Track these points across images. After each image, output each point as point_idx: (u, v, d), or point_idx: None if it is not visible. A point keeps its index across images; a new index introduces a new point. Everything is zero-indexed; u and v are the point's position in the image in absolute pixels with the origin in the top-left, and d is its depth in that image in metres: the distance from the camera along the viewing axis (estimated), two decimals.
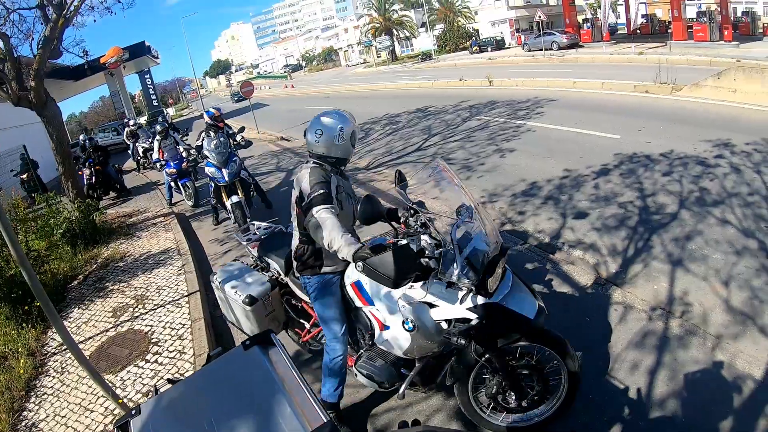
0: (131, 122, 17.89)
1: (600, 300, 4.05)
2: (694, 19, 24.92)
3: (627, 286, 4.24)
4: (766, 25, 25.04)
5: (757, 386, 2.92)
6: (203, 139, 7.46)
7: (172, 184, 10.01)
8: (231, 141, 7.92)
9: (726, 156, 6.89)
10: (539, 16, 29.79)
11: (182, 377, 2.26)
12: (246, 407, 1.64)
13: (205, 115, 7.85)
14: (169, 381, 2.01)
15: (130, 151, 16.96)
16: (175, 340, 4.51)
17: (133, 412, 1.77)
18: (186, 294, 5.45)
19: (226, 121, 8.81)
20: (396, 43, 55.98)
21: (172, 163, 9.55)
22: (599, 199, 6.19)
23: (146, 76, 37.01)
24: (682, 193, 5.89)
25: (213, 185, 7.34)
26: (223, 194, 7.13)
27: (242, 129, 8.65)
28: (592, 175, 7.05)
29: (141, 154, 15.75)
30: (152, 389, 2.09)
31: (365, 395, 3.33)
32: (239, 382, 1.78)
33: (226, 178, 6.99)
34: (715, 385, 2.99)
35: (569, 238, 5.34)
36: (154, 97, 37.93)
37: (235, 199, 6.98)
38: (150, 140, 15.71)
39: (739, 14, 26.39)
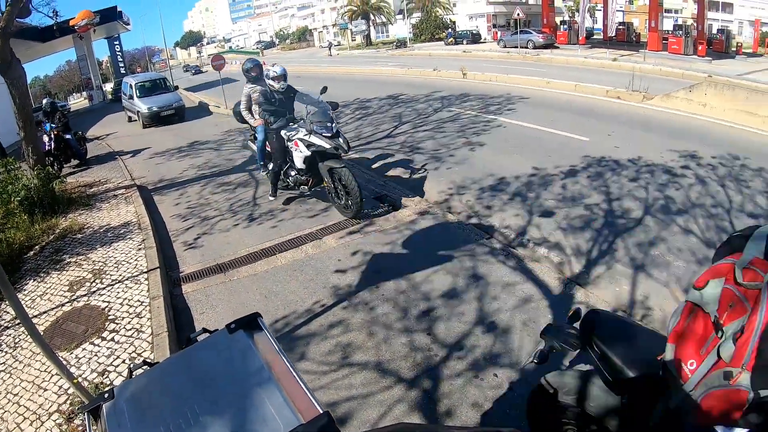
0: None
1: (563, 298, 4.13)
2: (670, 32, 25.57)
3: (590, 286, 4.35)
4: (739, 44, 25.94)
5: None
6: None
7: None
8: None
9: (692, 167, 7.13)
10: (518, 14, 29.99)
11: (157, 361, 2.17)
12: (232, 395, 1.54)
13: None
14: (146, 363, 1.93)
15: None
16: (132, 318, 4.38)
17: (106, 395, 1.67)
18: (145, 270, 5.30)
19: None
20: (372, 28, 55.54)
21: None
22: (566, 199, 6.32)
23: (115, 43, 35.61)
24: (647, 200, 6.07)
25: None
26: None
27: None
28: (560, 175, 7.18)
29: None
30: (127, 371, 1.99)
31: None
32: (224, 367, 1.67)
33: None
34: None
35: (535, 235, 5.44)
36: (122, 64, 36.58)
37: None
38: None
39: (714, 31, 27.23)
